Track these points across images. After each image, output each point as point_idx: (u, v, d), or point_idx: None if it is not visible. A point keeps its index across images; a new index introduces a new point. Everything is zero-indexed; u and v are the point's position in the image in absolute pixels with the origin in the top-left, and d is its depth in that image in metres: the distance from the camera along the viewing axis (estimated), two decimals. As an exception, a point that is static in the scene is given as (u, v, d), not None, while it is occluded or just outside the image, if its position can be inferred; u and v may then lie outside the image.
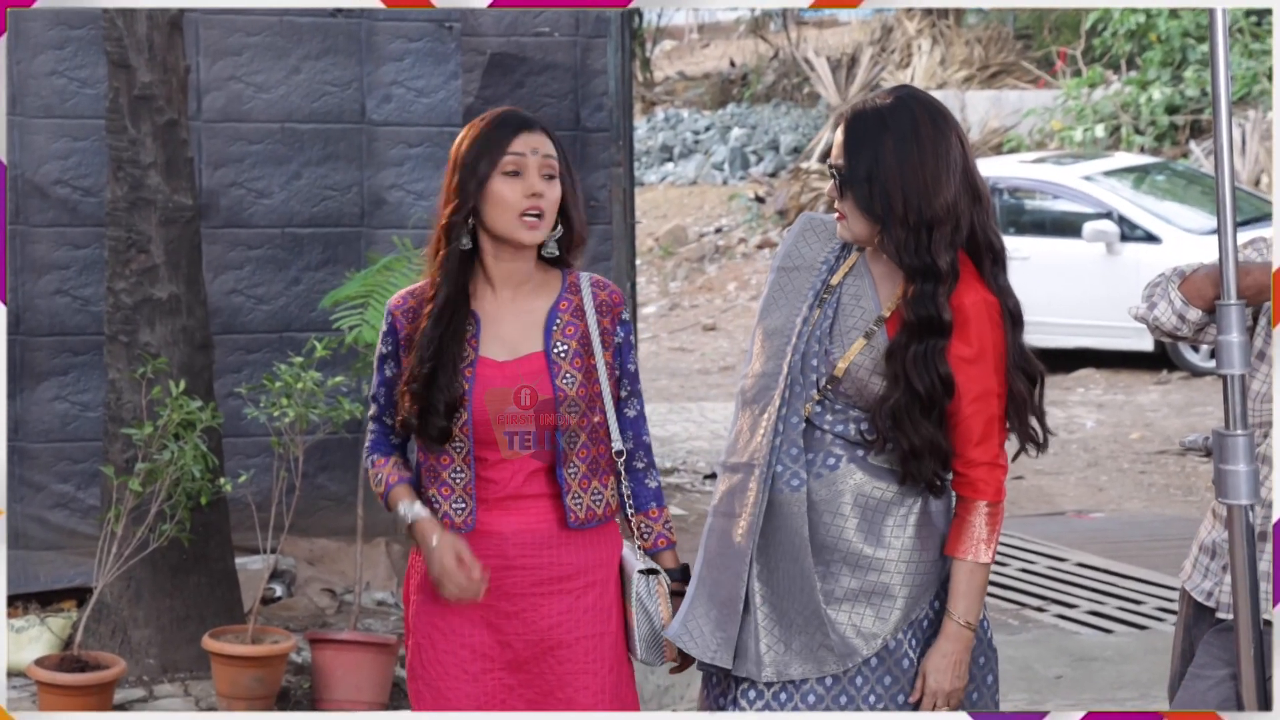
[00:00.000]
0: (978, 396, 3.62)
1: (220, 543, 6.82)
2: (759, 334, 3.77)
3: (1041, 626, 7.24)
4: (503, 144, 3.70)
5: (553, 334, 3.76)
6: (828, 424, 3.69)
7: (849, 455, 3.69)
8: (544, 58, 8.18)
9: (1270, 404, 3.67)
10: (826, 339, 3.69)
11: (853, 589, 3.67)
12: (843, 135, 3.66)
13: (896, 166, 3.58)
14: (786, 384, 3.68)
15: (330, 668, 6.41)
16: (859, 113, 3.67)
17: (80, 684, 6.12)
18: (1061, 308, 13.97)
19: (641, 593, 3.79)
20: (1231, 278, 3.38)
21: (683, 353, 16.63)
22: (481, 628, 3.77)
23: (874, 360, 3.65)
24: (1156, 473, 10.74)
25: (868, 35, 24.64)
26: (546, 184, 3.70)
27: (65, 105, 7.61)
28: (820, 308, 3.71)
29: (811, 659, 3.66)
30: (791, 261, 3.80)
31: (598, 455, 3.79)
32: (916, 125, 3.60)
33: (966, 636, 3.66)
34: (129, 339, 6.64)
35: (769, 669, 3.67)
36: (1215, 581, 3.74)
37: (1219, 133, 3.39)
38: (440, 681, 3.78)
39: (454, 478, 3.75)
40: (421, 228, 7.64)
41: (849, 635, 3.66)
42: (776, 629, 3.67)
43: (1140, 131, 19.32)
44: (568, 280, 3.82)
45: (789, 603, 3.68)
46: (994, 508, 3.66)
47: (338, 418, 6.60)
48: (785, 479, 3.67)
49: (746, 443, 3.72)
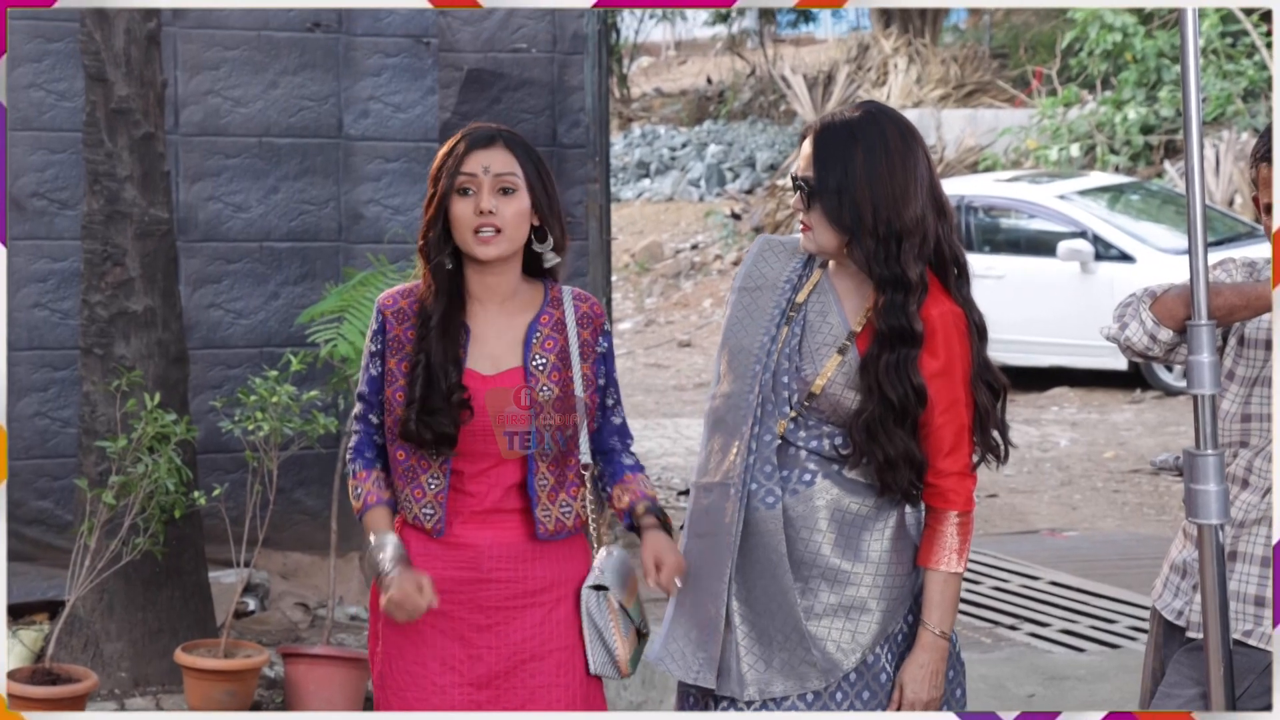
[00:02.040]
0: (948, 407, 3.66)
1: (194, 556, 6.81)
2: (725, 355, 3.80)
3: (1014, 645, 7.26)
4: (457, 164, 3.74)
5: (531, 347, 3.78)
6: (801, 440, 3.71)
7: (824, 471, 3.71)
8: (521, 74, 8.19)
9: (1239, 424, 3.70)
10: (797, 356, 3.72)
11: (831, 604, 3.69)
12: (811, 147, 3.69)
13: (866, 178, 3.62)
14: (758, 403, 3.70)
15: (303, 682, 6.41)
16: (828, 125, 3.70)
17: (52, 697, 6.11)
18: (1036, 326, 14.01)
19: (591, 608, 3.81)
20: (1202, 298, 3.40)
21: (658, 369, 16.64)
22: (453, 640, 3.77)
23: (847, 376, 3.68)
24: (1130, 492, 10.77)
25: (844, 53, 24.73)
26: (502, 199, 3.73)
27: (43, 118, 7.61)
28: (787, 325, 3.74)
29: (794, 675, 3.68)
30: (753, 282, 3.83)
31: (567, 468, 3.81)
32: (885, 139, 3.64)
33: (942, 646, 3.69)
34: (104, 352, 6.63)
35: (751, 688, 3.69)
36: (1186, 601, 3.76)
37: (1190, 150, 3.41)
38: (407, 692, 3.79)
39: (429, 483, 3.76)
40: (398, 243, 7.65)
41: (830, 650, 3.68)
42: (757, 647, 3.69)
43: (1115, 151, 19.40)
44: (550, 294, 3.85)
45: (768, 620, 3.70)
46: (964, 517, 3.70)
47: (313, 432, 6.59)
48: (760, 496, 3.69)
49: (719, 463, 3.74)
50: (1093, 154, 19.54)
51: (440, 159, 3.78)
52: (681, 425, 13.11)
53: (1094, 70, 20.17)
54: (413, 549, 3.79)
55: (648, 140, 24.99)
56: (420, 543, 3.80)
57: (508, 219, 3.73)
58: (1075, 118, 19.87)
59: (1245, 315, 3.55)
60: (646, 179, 24.00)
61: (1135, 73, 19.67)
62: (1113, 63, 20.11)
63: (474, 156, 3.74)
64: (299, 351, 6.83)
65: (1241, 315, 3.55)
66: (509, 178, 3.74)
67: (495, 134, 3.79)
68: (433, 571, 3.75)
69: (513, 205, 3.74)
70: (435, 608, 3.67)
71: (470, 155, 3.74)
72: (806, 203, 3.70)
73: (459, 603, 3.76)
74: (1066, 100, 20.23)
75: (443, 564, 3.77)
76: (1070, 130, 19.74)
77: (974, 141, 20.82)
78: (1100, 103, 19.86)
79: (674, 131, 25.27)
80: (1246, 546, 3.67)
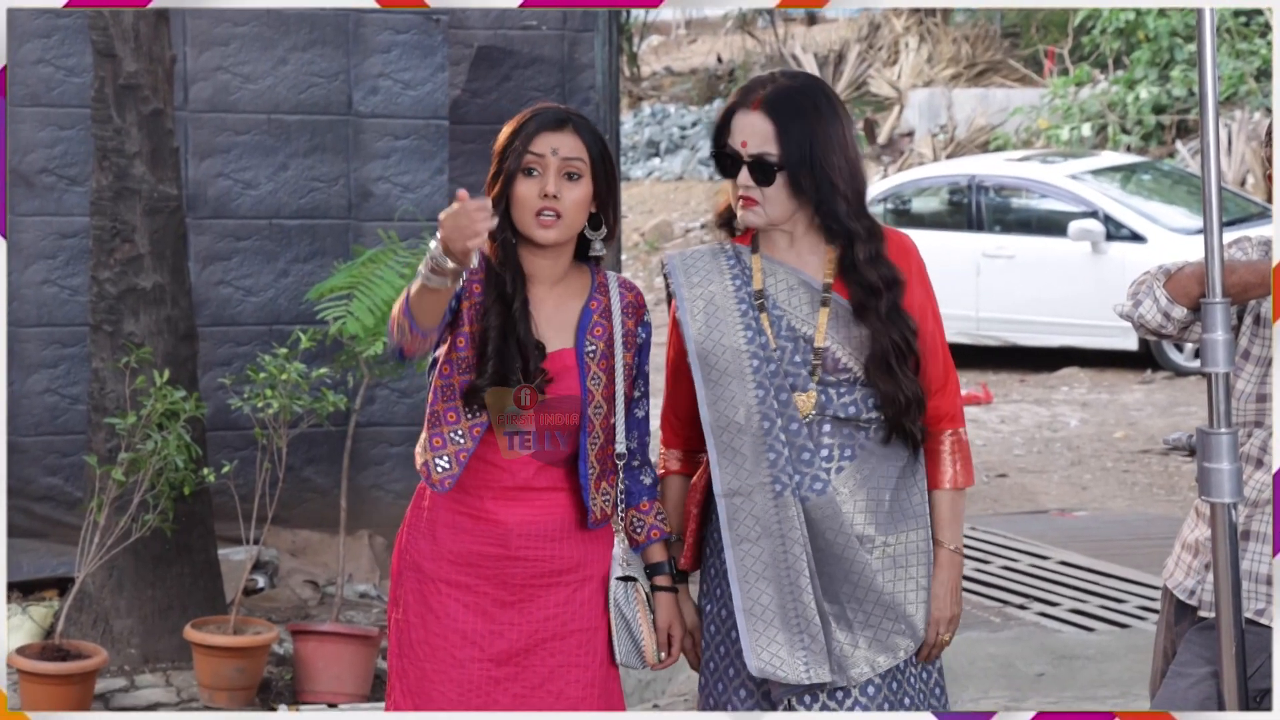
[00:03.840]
0: (934, 328, 3.78)
1: (203, 533, 6.82)
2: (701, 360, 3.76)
3: (1023, 624, 7.25)
4: (525, 143, 3.71)
5: (585, 332, 3.77)
6: (837, 409, 3.72)
7: (859, 442, 3.73)
8: (531, 51, 8.18)
9: (1254, 403, 3.68)
10: (791, 331, 3.72)
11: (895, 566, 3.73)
12: (769, 124, 3.68)
13: (834, 144, 3.69)
14: (773, 395, 3.70)
15: (312, 659, 6.41)
16: (777, 98, 3.70)
17: (61, 673, 6.12)
18: (1046, 306, 13.97)
19: (619, 599, 3.80)
20: (1217, 276, 3.38)
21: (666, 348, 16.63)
22: (476, 614, 3.76)
23: (842, 322, 3.72)
24: (1140, 472, 10.75)
25: (855, 33, 24.66)
26: (566, 184, 3.70)
27: (51, 94, 7.59)
28: (764, 313, 3.74)
29: (885, 649, 3.71)
30: (698, 290, 3.80)
31: (606, 456, 3.80)
32: (832, 103, 3.73)
33: (959, 562, 3.80)
34: (113, 328, 6.63)
35: (854, 670, 3.70)
36: (1198, 580, 3.74)
37: (1205, 131, 3.40)
38: (426, 663, 3.78)
39: (454, 437, 3.74)
40: (408, 220, 7.63)
41: (910, 613, 3.72)
42: (840, 633, 3.70)
43: (1127, 131, 19.35)
44: (596, 280, 3.83)
45: (845, 604, 3.71)
46: (958, 433, 3.81)
47: (322, 410, 6.59)
48: (807, 486, 3.71)
49: (748, 464, 3.71)
50: (1104, 133, 19.49)
51: (507, 136, 3.74)
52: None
53: (1106, 49, 20.12)
54: (439, 520, 3.77)
55: (658, 119, 24.94)
56: (447, 514, 3.77)
57: (569, 204, 3.70)
58: (1087, 97, 19.82)
59: (1260, 293, 3.54)
60: (656, 158, 23.97)
61: (1148, 52, 19.61)
62: (1125, 41, 20.05)
63: (543, 138, 3.71)
64: (308, 329, 6.82)
65: (1256, 293, 3.54)
66: (576, 163, 3.72)
67: (566, 117, 3.75)
68: (460, 545, 3.75)
69: (576, 191, 3.72)
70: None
71: (539, 136, 3.71)
72: (764, 177, 3.68)
73: (485, 577, 3.75)
74: (1078, 79, 20.17)
75: (471, 538, 3.75)
76: (1082, 110, 19.68)
77: (985, 121, 20.77)
78: (1112, 82, 19.81)
79: (684, 110, 25.21)
80: (1259, 526, 3.66)
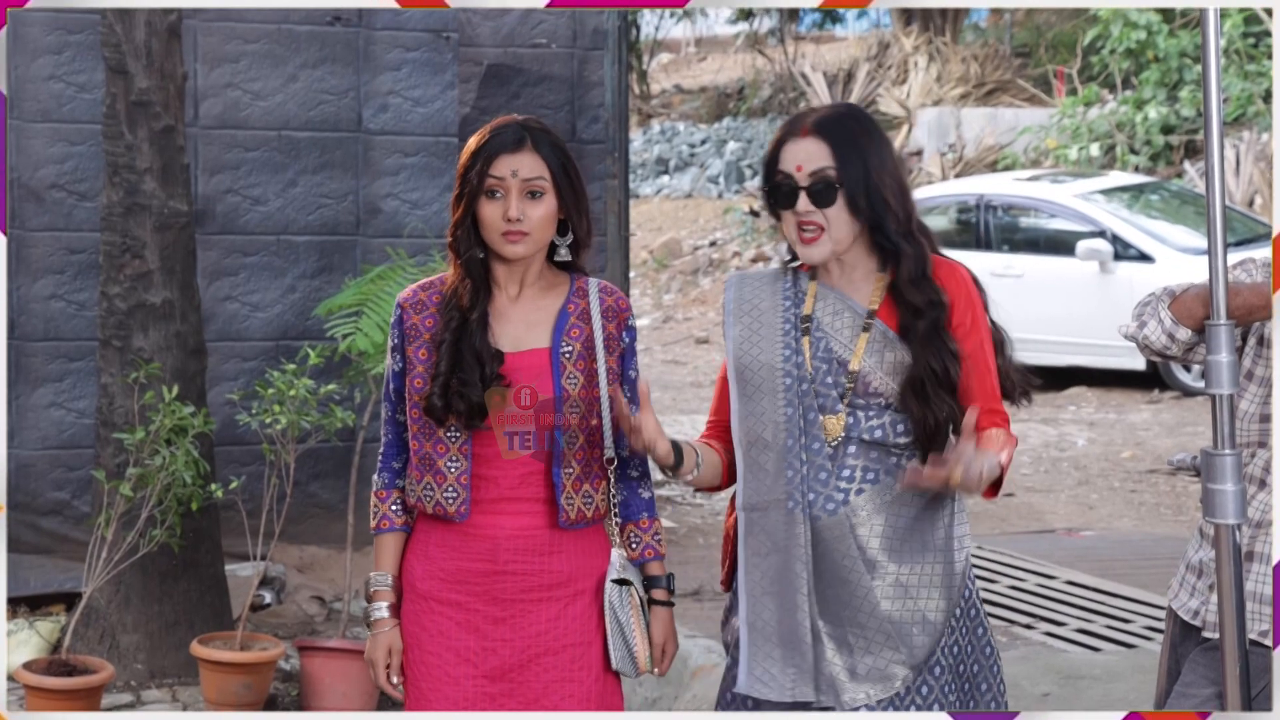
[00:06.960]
0: (982, 356, 3.75)
1: (210, 549, 6.83)
2: (738, 374, 3.79)
3: (1029, 644, 7.24)
4: (485, 165, 3.75)
5: (561, 333, 3.79)
6: (864, 432, 3.72)
7: (884, 468, 3.73)
8: (541, 69, 8.20)
9: (1258, 424, 3.69)
10: (829, 354, 3.73)
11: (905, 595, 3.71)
12: (824, 145, 3.72)
13: (884, 164, 3.75)
14: (799, 414, 3.72)
15: (318, 675, 6.42)
16: (829, 123, 3.76)
17: (68, 688, 6.12)
18: (1054, 326, 13.99)
19: (614, 602, 3.81)
20: (1221, 298, 3.39)
21: (675, 365, 16.64)
22: (468, 632, 3.78)
23: (880, 347, 3.73)
24: (1147, 492, 10.74)
25: (864, 51, 24.69)
26: (530, 203, 3.74)
27: (62, 110, 7.62)
28: (806, 335, 3.75)
29: (881, 679, 3.70)
30: (747, 306, 3.85)
31: (592, 459, 3.80)
32: (876, 126, 3.82)
33: (1012, 443, 3.72)
34: (122, 344, 6.65)
35: (845, 694, 3.69)
36: (1202, 600, 3.75)
37: (1210, 148, 3.41)
38: (422, 682, 3.80)
39: (449, 466, 3.77)
40: (416, 236, 7.66)
41: (915, 640, 3.70)
42: (839, 657, 3.70)
43: (1135, 151, 19.36)
44: (575, 284, 3.86)
45: (846, 628, 3.71)
46: (1011, 435, 3.74)
47: (330, 426, 6.60)
48: (820, 505, 3.71)
49: (768, 480, 3.73)
50: (1113, 154, 19.50)
51: (468, 158, 3.78)
52: (698, 422, 13.10)
53: (1115, 69, 20.14)
54: (431, 540, 3.81)
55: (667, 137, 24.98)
56: (439, 534, 3.81)
57: (535, 223, 3.74)
58: (1095, 117, 19.83)
59: (1264, 315, 3.54)
60: (665, 175, 24.00)
61: (1157, 72, 19.62)
62: (1134, 61, 20.06)
63: (502, 160, 3.74)
64: (316, 345, 6.84)
65: (1260, 315, 3.55)
66: (537, 181, 3.75)
67: (523, 134, 3.77)
68: (450, 563, 3.78)
69: (540, 209, 3.75)
70: (397, 688, 3.85)
71: (498, 159, 3.74)
72: (825, 198, 3.70)
73: (475, 595, 3.77)
74: (1087, 99, 20.19)
75: (461, 555, 3.78)
76: (1090, 130, 19.69)
77: (994, 140, 20.79)
78: (1121, 102, 19.82)
79: (693, 128, 25.26)
80: (1263, 547, 3.66)
